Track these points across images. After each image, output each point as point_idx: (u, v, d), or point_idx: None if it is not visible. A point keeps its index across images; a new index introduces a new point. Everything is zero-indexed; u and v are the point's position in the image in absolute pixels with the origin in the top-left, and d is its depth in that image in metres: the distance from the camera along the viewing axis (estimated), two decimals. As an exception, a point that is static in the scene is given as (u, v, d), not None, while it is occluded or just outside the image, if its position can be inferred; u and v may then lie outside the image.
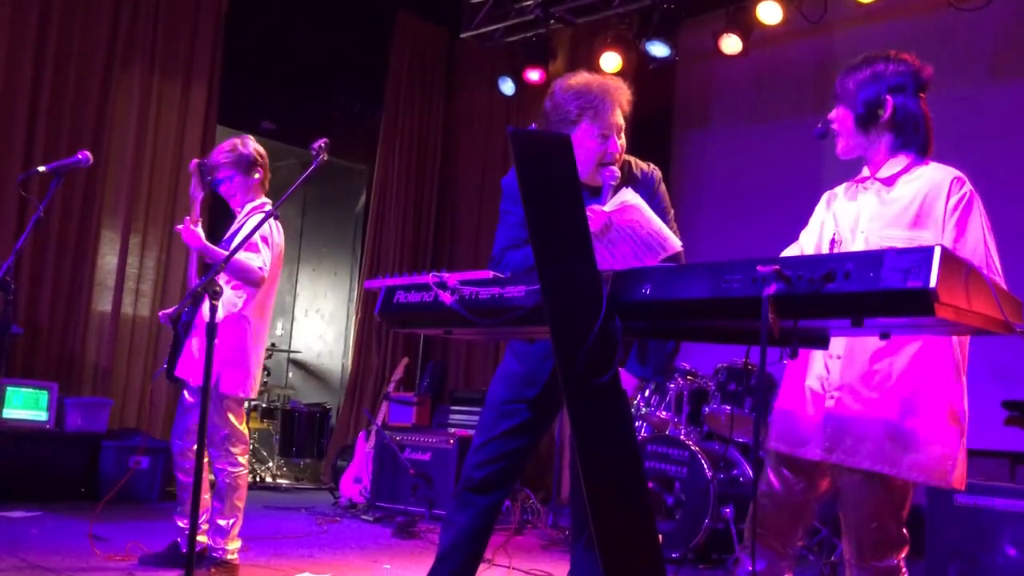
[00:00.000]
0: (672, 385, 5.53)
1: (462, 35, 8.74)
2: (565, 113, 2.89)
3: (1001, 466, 5.67)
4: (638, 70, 7.67)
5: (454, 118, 9.38)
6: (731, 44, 7.01)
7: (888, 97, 2.44)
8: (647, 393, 5.66)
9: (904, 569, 2.41)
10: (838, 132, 2.52)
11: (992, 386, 5.48)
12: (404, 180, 8.99)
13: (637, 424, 5.63)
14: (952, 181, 2.35)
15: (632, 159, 3.06)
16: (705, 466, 4.94)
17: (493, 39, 8.45)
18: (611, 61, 7.61)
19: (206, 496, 4.00)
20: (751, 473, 5.12)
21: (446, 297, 2.22)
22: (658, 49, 7.35)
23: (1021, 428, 4.79)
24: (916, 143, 2.45)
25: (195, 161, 4.09)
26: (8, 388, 5.92)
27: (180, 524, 3.98)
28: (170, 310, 4.12)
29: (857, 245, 2.42)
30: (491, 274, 2.27)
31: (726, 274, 1.87)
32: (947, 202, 2.33)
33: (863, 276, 1.71)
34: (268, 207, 4.05)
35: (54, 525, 5.01)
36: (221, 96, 7.65)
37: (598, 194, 2.85)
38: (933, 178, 2.39)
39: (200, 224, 3.95)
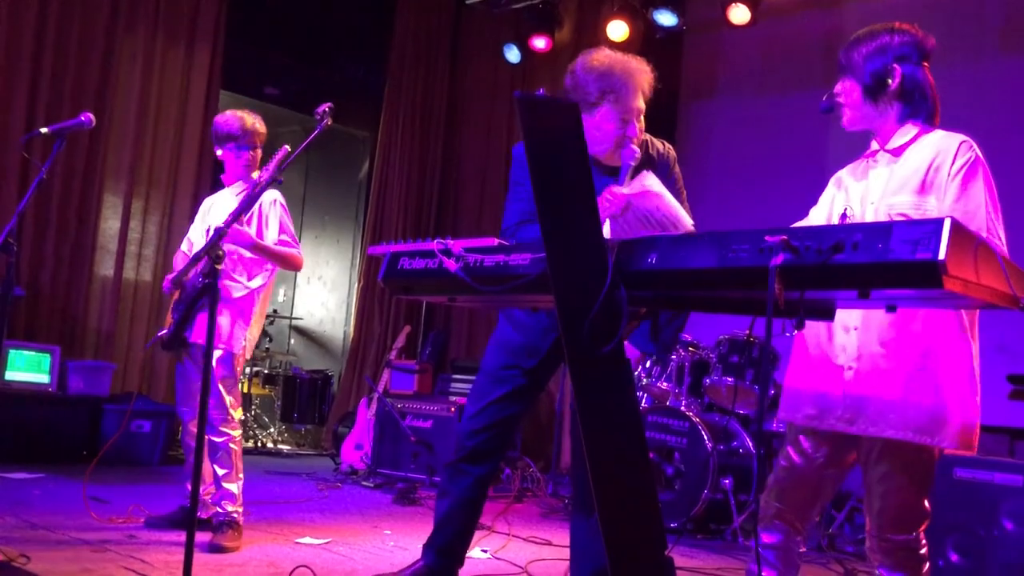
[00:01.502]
0: (673, 356, 5.53)
1: (467, 1, 8.67)
2: (585, 95, 2.88)
3: (1000, 442, 5.69)
4: (645, 39, 7.62)
5: (459, 85, 9.32)
6: (739, 14, 6.94)
7: (896, 66, 2.43)
8: (648, 364, 5.66)
9: (924, 541, 2.42)
10: (844, 104, 2.51)
11: (997, 360, 5.48)
12: (408, 147, 8.95)
13: (638, 395, 5.64)
14: (960, 145, 2.35)
15: (648, 137, 3.03)
16: (705, 437, 4.95)
17: (499, 6, 8.38)
18: (618, 30, 7.55)
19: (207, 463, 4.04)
20: (751, 445, 5.14)
21: (451, 264, 2.21)
22: (665, 18, 7.30)
23: (1024, 403, 4.80)
24: (924, 111, 2.45)
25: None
26: (10, 351, 5.93)
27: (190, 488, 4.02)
28: (173, 275, 4.12)
29: (867, 217, 2.42)
30: (496, 242, 2.26)
31: (733, 244, 1.86)
32: (952, 164, 2.32)
33: (871, 247, 1.70)
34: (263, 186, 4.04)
35: (56, 487, 5.03)
36: (224, 61, 7.61)
37: (615, 174, 2.83)
38: (940, 144, 2.38)
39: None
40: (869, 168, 2.51)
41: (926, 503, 2.41)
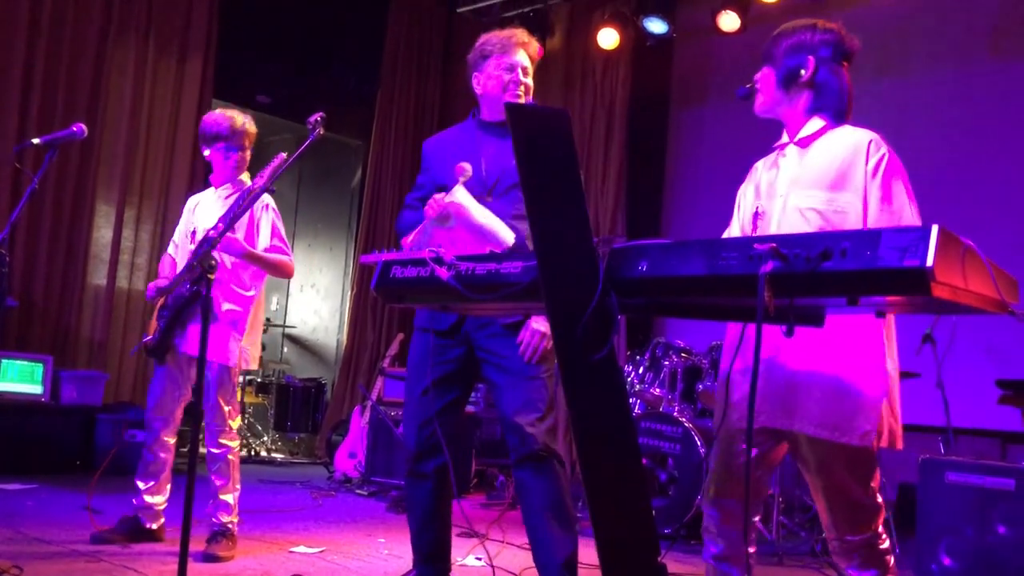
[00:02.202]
0: (666, 362, 5.54)
1: (459, 10, 8.69)
2: (479, 52, 3.25)
3: (993, 445, 5.71)
4: (636, 46, 7.65)
5: (451, 93, 9.33)
6: (729, 21, 6.98)
7: (810, 58, 2.48)
8: (641, 370, 5.67)
9: (883, 537, 2.40)
10: (759, 90, 2.56)
11: (986, 365, 5.50)
12: (400, 155, 8.96)
13: (631, 401, 5.65)
14: (870, 142, 2.36)
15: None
16: (698, 443, 4.96)
17: (490, 14, 8.40)
18: (609, 37, 7.57)
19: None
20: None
21: (442, 272, 2.22)
22: (656, 26, 7.33)
23: (1015, 407, 4.82)
24: (833, 107, 2.48)
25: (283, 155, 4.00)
26: (3, 361, 5.92)
27: (148, 499, 4.02)
28: (162, 283, 4.08)
29: (775, 210, 2.44)
30: (487, 249, 2.27)
31: (723, 251, 1.87)
32: (867, 163, 2.34)
33: (860, 254, 1.71)
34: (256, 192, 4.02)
35: (50, 498, 5.02)
36: (217, 69, 7.61)
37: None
38: (850, 139, 2.40)
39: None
40: (779, 159, 2.54)
41: (875, 497, 2.38)
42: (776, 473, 4.88)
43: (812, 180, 2.40)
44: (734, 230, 2.64)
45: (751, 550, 2.53)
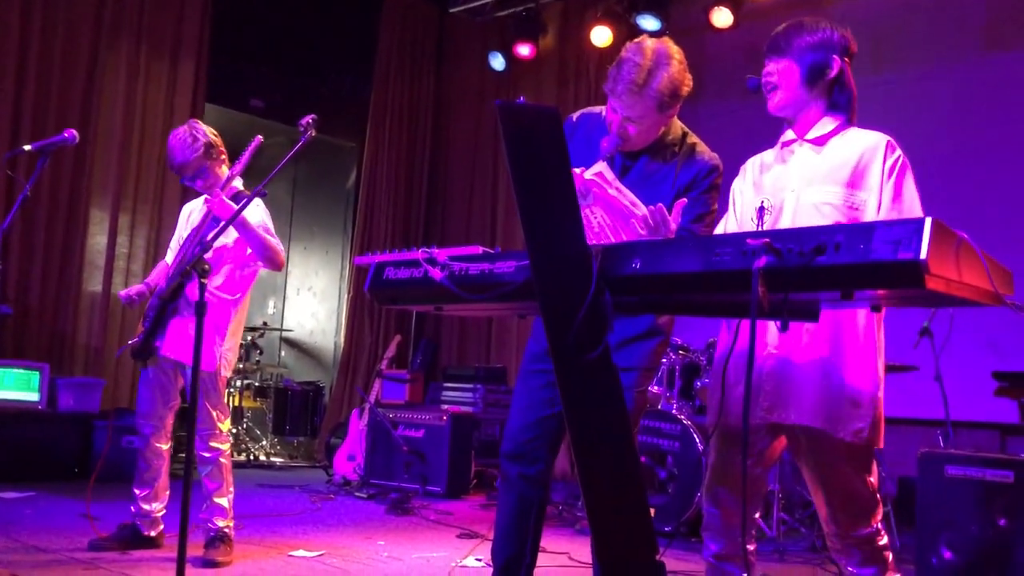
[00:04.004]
0: (664, 360, 5.54)
1: (452, 10, 8.69)
2: (607, 83, 2.82)
3: (992, 437, 5.70)
4: (629, 44, 7.63)
5: (444, 94, 9.33)
6: (722, 17, 6.98)
7: (836, 57, 2.46)
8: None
9: (883, 532, 2.40)
10: (777, 85, 2.50)
11: (983, 357, 5.50)
12: (395, 157, 8.95)
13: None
14: (886, 144, 2.39)
15: (697, 142, 2.95)
16: (697, 440, 4.95)
17: (483, 14, 8.40)
18: (602, 35, 7.57)
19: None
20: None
21: (436, 273, 2.21)
22: (649, 23, 7.32)
23: (1012, 399, 4.82)
24: (848, 108, 2.49)
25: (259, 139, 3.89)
26: (-1, 369, 5.91)
27: (144, 507, 4.00)
28: (140, 287, 4.06)
29: (788, 206, 2.43)
30: (481, 249, 2.26)
31: (716, 247, 1.86)
32: (883, 164, 2.36)
33: (854, 248, 1.71)
34: (244, 192, 3.98)
35: (48, 506, 5.01)
36: (209, 74, 7.60)
37: (636, 158, 2.85)
38: (866, 141, 2.42)
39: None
40: (786, 155, 2.53)
41: (874, 491, 2.39)
42: (776, 469, 4.88)
43: (828, 177, 2.40)
44: (730, 225, 2.63)
45: (751, 547, 2.52)
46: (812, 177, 2.43)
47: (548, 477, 2.89)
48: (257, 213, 3.97)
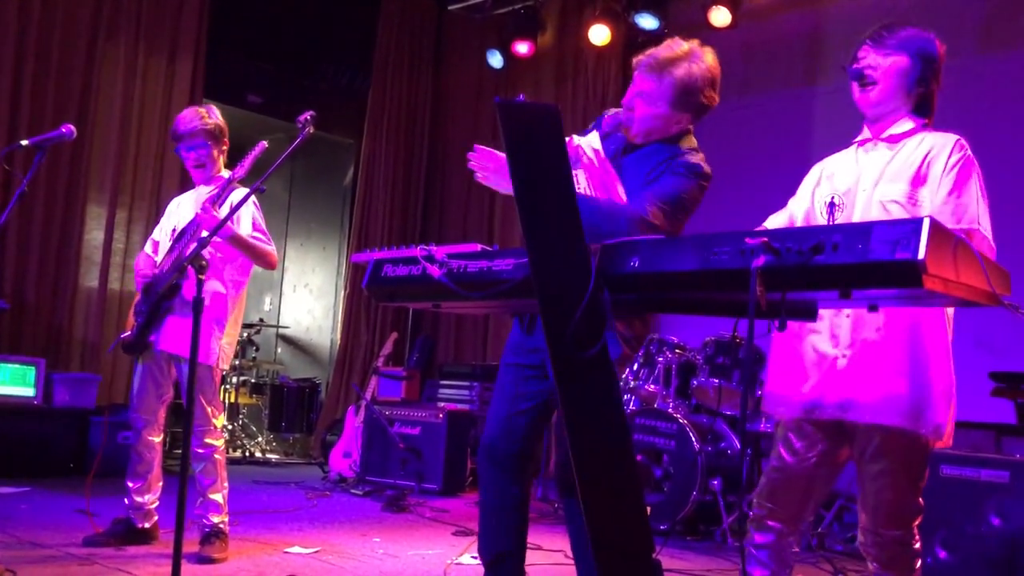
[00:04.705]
0: (660, 359, 5.54)
1: (450, 7, 8.68)
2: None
3: (987, 437, 5.71)
4: (627, 43, 7.63)
5: (443, 91, 9.32)
6: (720, 16, 6.97)
7: (939, 65, 2.50)
8: (636, 367, 5.67)
9: (917, 537, 2.42)
10: (878, 80, 2.48)
11: (978, 357, 5.50)
12: (392, 154, 8.94)
13: (626, 397, 5.64)
14: (955, 143, 2.41)
15: (689, 141, 2.84)
16: (693, 439, 4.96)
17: (481, 12, 8.39)
18: (600, 34, 7.57)
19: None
20: (739, 446, 5.15)
21: (434, 270, 2.21)
22: (647, 21, 7.32)
23: (1007, 399, 4.82)
24: (929, 113, 2.52)
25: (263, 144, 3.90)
26: (-5, 364, 5.90)
27: (137, 499, 4.00)
28: (147, 274, 4.06)
29: (859, 203, 2.45)
30: (479, 247, 2.26)
31: (715, 246, 1.87)
32: (948, 160, 2.38)
33: (851, 248, 1.71)
34: (238, 186, 3.98)
35: (43, 501, 5.00)
36: (207, 69, 7.58)
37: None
38: (939, 140, 2.44)
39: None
40: (860, 154, 2.54)
41: (920, 499, 2.41)
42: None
43: (898, 174, 2.42)
44: (797, 212, 2.62)
45: (794, 550, 2.55)
46: (883, 176, 2.44)
47: (525, 471, 2.86)
48: (247, 217, 3.96)
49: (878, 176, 2.45)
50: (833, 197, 2.50)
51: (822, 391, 2.42)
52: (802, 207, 2.62)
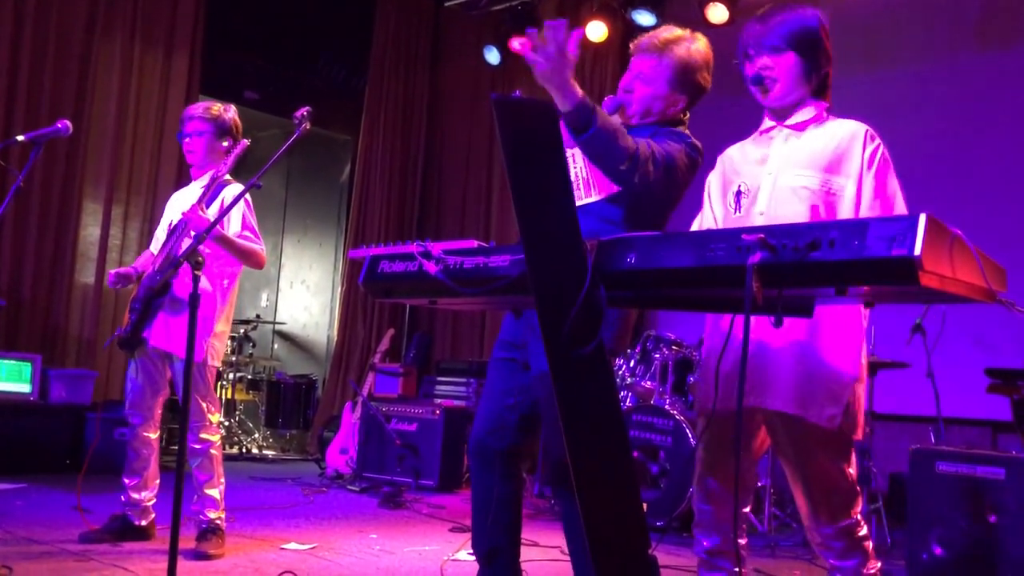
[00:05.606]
0: (657, 355, 5.54)
1: (447, 3, 8.66)
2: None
3: (983, 434, 5.72)
4: (624, 39, 7.62)
5: (439, 88, 9.31)
6: (717, 13, 6.96)
7: (829, 50, 2.51)
8: (632, 363, 5.67)
9: (862, 523, 2.41)
10: (779, 79, 2.51)
11: (974, 353, 5.52)
12: (389, 150, 8.93)
13: (622, 394, 5.65)
14: (865, 133, 2.42)
15: (684, 128, 2.84)
16: (690, 435, 4.96)
17: (478, 7, 8.38)
18: (597, 30, 7.56)
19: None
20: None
21: (430, 267, 2.21)
22: (644, 18, 7.31)
23: (1003, 396, 4.83)
24: (825, 93, 2.54)
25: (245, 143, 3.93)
26: (-9, 360, 5.89)
27: (134, 496, 3.99)
28: (128, 270, 4.05)
29: (764, 188, 2.46)
30: (475, 243, 2.26)
31: (711, 243, 1.87)
32: (863, 152, 2.40)
33: (848, 244, 1.71)
34: (233, 182, 3.98)
35: (39, 497, 5.00)
36: (203, 65, 7.58)
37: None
38: (846, 128, 2.45)
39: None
40: (765, 142, 2.56)
41: (852, 481, 2.39)
42: (768, 464, 4.89)
43: (806, 161, 2.44)
44: (706, 220, 2.66)
45: (742, 542, 2.53)
46: (790, 161, 2.46)
47: (516, 467, 2.84)
48: (237, 216, 3.95)
49: (785, 162, 2.47)
50: (739, 186, 2.53)
51: (727, 381, 2.40)
52: (709, 211, 2.65)
